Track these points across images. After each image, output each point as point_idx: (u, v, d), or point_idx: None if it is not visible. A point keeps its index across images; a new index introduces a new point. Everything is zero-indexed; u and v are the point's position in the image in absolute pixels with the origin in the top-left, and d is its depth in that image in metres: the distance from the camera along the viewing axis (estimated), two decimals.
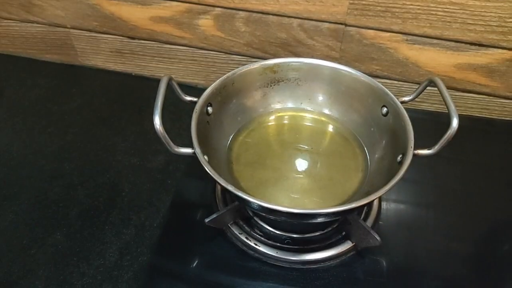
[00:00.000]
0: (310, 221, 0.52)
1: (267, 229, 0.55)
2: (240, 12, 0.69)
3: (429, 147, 0.49)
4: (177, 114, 0.67)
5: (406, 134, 0.50)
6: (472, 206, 0.60)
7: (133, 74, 0.83)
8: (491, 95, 0.71)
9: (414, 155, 0.48)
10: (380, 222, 0.57)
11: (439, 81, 0.51)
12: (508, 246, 0.56)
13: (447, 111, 0.49)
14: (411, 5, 0.62)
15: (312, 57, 0.64)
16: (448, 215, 0.59)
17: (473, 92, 0.71)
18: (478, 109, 0.73)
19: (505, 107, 0.72)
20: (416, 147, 0.49)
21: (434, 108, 0.74)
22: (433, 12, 0.62)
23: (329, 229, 0.55)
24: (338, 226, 0.55)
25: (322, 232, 0.55)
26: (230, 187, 0.45)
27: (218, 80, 0.57)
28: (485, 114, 0.74)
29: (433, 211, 0.59)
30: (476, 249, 0.55)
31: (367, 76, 0.58)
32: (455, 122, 0.47)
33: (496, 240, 0.57)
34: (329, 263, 0.52)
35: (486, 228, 0.58)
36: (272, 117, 0.63)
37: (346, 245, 0.53)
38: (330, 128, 0.62)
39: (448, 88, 0.71)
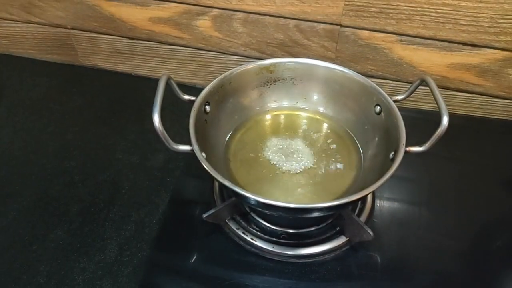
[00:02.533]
0: (305, 216, 0.53)
1: (264, 224, 0.56)
2: (238, 13, 0.70)
3: (421, 145, 0.50)
4: (176, 113, 0.68)
5: (398, 131, 0.51)
6: (465, 203, 0.61)
7: (133, 74, 0.84)
8: (484, 95, 0.72)
9: (406, 152, 0.49)
10: (374, 220, 0.58)
11: (430, 80, 0.52)
12: (499, 243, 0.57)
13: None
14: (405, 6, 0.63)
15: (308, 57, 0.65)
16: (440, 212, 0.60)
17: (466, 92, 0.72)
18: (471, 108, 0.74)
19: (497, 106, 0.73)
20: (409, 144, 0.50)
21: (428, 107, 0.75)
22: (427, 13, 0.63)
23: (324, 224, 0.56)
24: (332, 221, 0.56)
25: (317, 227, 0.56)
26: (227, 183, 0.46)
27: (215, 80, 0.58)
28: (478, 113, 0.75)
29: (426, 208, 0.60)
30: (467, 246, 0.56)
31: (360, 76, 0.59)
32: (445, 120, 0.48)
33: (487, 237, 0.58)
34: (323, 257, 0.54)
35: (477, 225, 0.59)
36: (268, 116, 0.64)
37: (340, 240, 0.54)
38: (325, 126, 0.63)
39: (442, 87, 0.72)
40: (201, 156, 0.48)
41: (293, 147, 0.60)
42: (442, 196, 0.62)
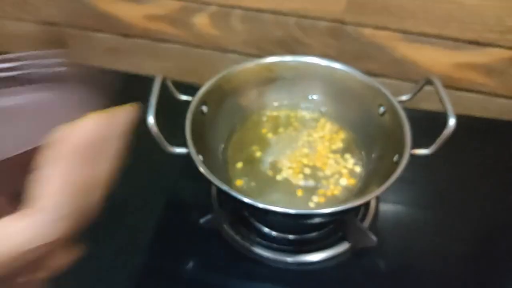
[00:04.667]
0: (306, 222, 0.52)
1: (263, 229, 0.55)
2: (236, 10, 0.69)
3: (426, 147, 0.49)
4: (172, 113, 0.66)
5: (403, 133, 0.50)
6: (470, 206, 0.60)
7: (128, 72, 0.83)
8: (489, 95, 0.71)
9: (411, 155, 0.48)
10: (378, 224, 0.57)
11: (436, 81, 0.51)
12: (504, 246, 0.56)
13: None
14: (409, 3, 0.62)
15: (309, 55, 0.63)
16: (445, 215, 0.59)
17: (471, 92, 0.71)
18: (476, 108, 0.73)
19: (503, 106, 0.72)
20: (414, 146, 0.49)
21: (433, 107, 0.74)
22: (431, 11, 0.62)
23: (326, 229, 0.55)
24: (334, 227, 0.55)
25: (318, 232, 0.54)
26: (225, 188, 0.44)
27: (213, 79, 0.57)
28: (484, 114, 0.73)
29: (430, 212, 0.59)
30: (472, 250, 0.55)
31: (363, 75, 0.58)
32: (452, 122, 0.47)
33: (492, 240, 0.57)
34: (325, 264, 0.52)
35: (483, 229, 0.58)
36: (268, 116, 0.63)
37: (343, 246, 0.53)
38: (327, 127, 0.61)
39: (447, 87, 0.70)
40: (198, 159, 0.47)
41: (294, 149, 0.59)
42: (448, 199, 0.61)
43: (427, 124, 0.54)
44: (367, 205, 0.57)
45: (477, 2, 0.60)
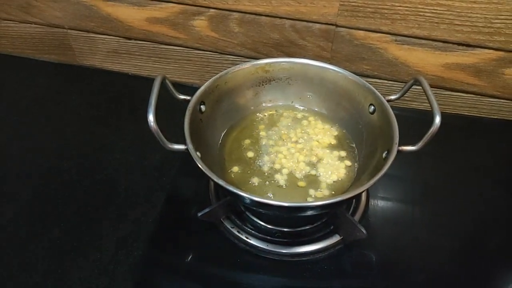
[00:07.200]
0: (299, 214, 0.53)
1: (258, 223, 0.56)
2: (234, 13, 0.70)
3: (414, 144, 0.50)
4: (172, 112, 0.68)
5: (392, 131, 0.52)
6: (457, 201, 0.62)
7: (130, 74, 0.84)
8: (479, 94, 0.73)
9: (399, 151, 0.50)
10: (368, 218, 0.58)
11: (423, 80, 0.52)
12: (491, 241, 0.57)
13: None
14: (400, 6, 0.63)
15: (304, 57, 0.65)
16: (433, 210, 0.60)
17: (461, 91, 0.73)
18: (466, 107, 0.75)
19: (492, 105, 0.73)
20: (403, 144, 0.50)
21: (423, 106, 0.76)
22: (421, 13, 0.64)
23: (318, 223, 0.56)
24: (326, 220, 0.56)
25: (311, 225, 0.56)
26: (222, 182, 0.46)
27: (210, 79, 0.58)
28: (474, 113, 0.75)
29: (419, 207, 0.60)
30: (460, 244, 0.57)
31: (354, 75, 0.60)
32: (437, 119, 0.48)
33: (480, 236, 0.58)
34: (318, 256, 0.54)
35: (469, 223, 0.59)
36: (263, 115, 0.65)
37: (334, 239, 0.55)
38: (320, 125, 0.63)
39: (437, 87, 0.73)
40: (196, 155, 0.48)
41: (288, 146, 0.61)
42: (436, 195, 0.62)
43: (417, 122, 0.56)
44: (357, 199, 0.59)
45: (465, 5, 0.61)
